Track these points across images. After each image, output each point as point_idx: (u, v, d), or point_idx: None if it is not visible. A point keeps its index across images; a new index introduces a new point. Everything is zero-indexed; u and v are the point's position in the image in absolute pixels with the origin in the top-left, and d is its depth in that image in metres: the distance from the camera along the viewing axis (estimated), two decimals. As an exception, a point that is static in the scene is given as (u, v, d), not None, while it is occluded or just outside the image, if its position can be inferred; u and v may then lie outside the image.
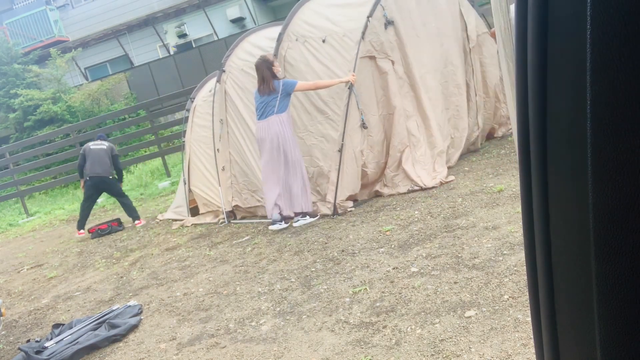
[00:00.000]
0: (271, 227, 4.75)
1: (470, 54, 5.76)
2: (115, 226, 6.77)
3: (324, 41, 4.85)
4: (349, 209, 4.71)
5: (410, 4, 5.17)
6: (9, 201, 12.18)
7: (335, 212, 4.65)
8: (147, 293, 4.01)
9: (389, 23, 4.82)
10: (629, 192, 0.40)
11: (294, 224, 4.71)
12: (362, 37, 4.66)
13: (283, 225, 4.73)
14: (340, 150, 4.61)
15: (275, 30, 5.44)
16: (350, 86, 4.60)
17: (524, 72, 0.50)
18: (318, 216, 4.75)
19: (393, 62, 4.86)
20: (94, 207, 9.15)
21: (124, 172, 11.26)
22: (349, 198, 4.78)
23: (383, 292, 2.93)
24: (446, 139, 5.26)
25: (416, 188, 4.78)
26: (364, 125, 4.72)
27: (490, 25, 6.06)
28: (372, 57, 4.79)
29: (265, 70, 4.60)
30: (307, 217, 4.73)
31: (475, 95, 5.79)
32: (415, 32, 5.15)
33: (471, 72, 5.79)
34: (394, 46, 4.87)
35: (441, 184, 4.77)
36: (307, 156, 4.81)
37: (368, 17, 4.70)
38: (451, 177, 4.87)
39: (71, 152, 10.48)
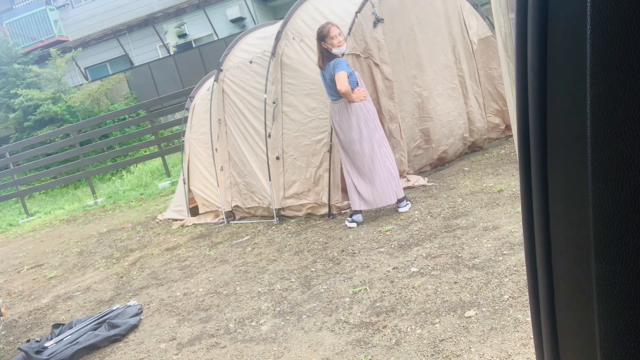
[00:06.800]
0: (350, 225, 4.22)
1: (474, 57, 5.72)
2: None
3: (301, 40, 4.83)
4: (343, 211, 4.67)
5: (404, 6, 5.15)
6: (9, 201, 12.19)
7: (330, 213, 4.62)
8: (147, 293, 4.01)
9: (378, 21, 4.74)
10: (629, 192, 0.40)
11: (399, 210, 4.22)
12: (349, 33, 4.59)
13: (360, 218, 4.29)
14: (330, 150, 4.54)
15: (274, 29, 5.40)
16: None
17: (524, 72, 0.50)
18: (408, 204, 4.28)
19: (377, 64, 4.79)
20: (92, 206, 9.18)
21: (124, 172, 11.28)
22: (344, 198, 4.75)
23: (383, 292, 2.93)
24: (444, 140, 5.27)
25: (408, 184, 4.84)
26: None
27: (493, 27, 6.00)
28: (358, 56, 4.73)
29: (317, 43, 4.12)
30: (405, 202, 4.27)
31: (477, 97, 5.77)
32: (407, 33, 5.13)
33: (477, 76, 5.74)
34: (382, 46, 4.80)
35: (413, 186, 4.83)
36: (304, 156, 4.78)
37: (356, 13, 4.66)
38: (422, 182, 4.90)
39: (71, 152, 10.48)
